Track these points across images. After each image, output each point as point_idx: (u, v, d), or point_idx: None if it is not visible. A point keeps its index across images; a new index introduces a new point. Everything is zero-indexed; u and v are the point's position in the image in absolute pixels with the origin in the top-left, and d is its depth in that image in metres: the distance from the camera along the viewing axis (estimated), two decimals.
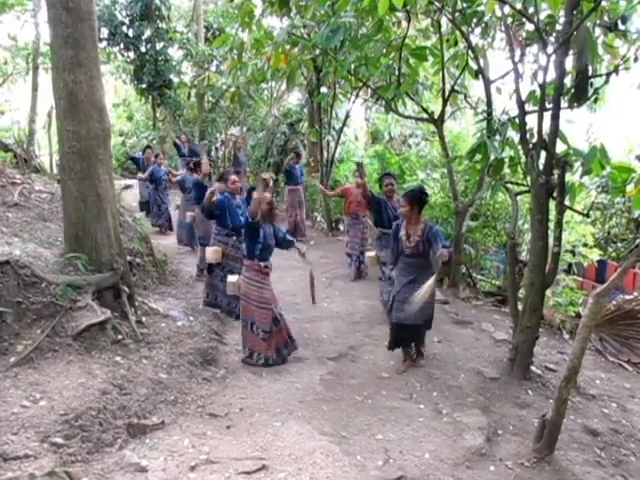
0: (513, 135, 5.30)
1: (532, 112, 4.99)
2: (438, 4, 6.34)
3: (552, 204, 4.85)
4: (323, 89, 11.87)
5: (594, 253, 8.19)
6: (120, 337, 4.87)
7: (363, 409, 4.52)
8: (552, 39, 5.12)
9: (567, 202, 4.73)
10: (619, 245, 11.32)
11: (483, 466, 3.80)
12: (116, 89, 22.08)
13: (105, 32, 15.54)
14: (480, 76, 6.60)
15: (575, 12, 4.47)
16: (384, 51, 6.86)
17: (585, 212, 5.46)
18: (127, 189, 12.65)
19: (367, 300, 7.25)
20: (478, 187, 7.36)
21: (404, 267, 5.22)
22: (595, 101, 5.01)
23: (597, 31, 5.14)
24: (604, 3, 4.86)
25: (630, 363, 6.06)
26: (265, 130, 15.70)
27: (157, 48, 16.08)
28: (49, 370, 4.18)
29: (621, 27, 4.85)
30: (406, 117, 8.94)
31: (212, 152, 17.31)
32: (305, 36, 8.08)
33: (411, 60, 6.86)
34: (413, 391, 4.87)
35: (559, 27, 4.96)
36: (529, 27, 5.38)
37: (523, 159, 5.07)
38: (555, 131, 4.62)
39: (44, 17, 5.65)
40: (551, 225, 5.02)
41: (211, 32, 17.52)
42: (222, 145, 16.90)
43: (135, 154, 13.31)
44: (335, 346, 5.89)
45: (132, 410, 4.05)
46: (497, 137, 5.18)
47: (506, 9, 5.33)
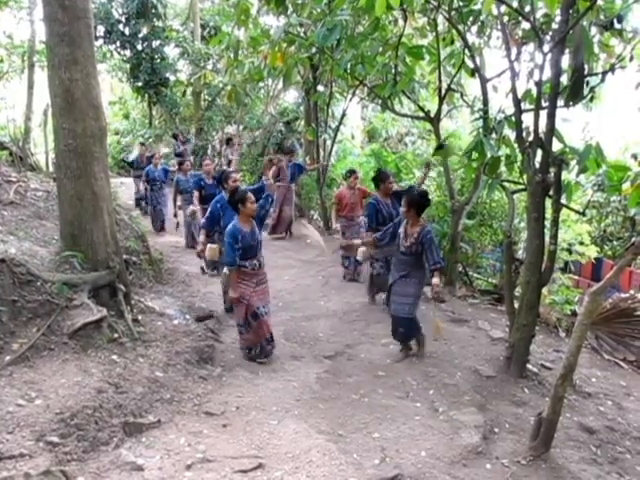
0: (509, 133, 5.31)
1: (528, 110, 5.00)
2: (434, 3, 6.34)
3: (548, 202, 4.86)
4: (320, 87, 11.87)
5: (591, 250, 8.22)
6: (116, 336, 4.85)
7: (359, 407, 4.52)
8: (548, 38, 5.12)
9: (563, 200, 4.74)
10: (615, 243, 11.37)
11: (479, 464, 3.81)
12: (112, 87, 22.01)
13: (101, 30, 15.53)
14: (476, 74, 6.60)
15: (571, 11, 4.48)
16: (380, 49, 6.85)
17: (581, 210, 5.47)
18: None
19: (363, 298, 7.25)
20: (475, 185, 7.37)
21: (398, 262, 5.43)
22: (591, 100, 5.01)
23: (593, 30, 5.16)
24: (600, 2, 4.88)
25: (626, 361, 6.08)
26: (261, 128, 15.70)
27: (153, 46, 16.07)
28: (45, 369, 4.17)
29: (617, 26, 4.86)
30: (402, 115, 8.94)
31: (209, 150, 17.31)
32: (302, 34, 8.07)
33: (407, 58, 6.84)
34: (409, 389, 4.87)
35: (555, 26, 4.96)
36: (525, 26, 5.39)
37: (519, 157, 5.08)
38: (551, 129, 4.63)
39: (40, 15, 5.63)
40: (547, 223, 5.04)
41: (207, 30, 17.52)
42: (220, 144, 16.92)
43: (127, 157, 13.22)
44: (331, 344, 5.89)
45: (128, 409, 4.04)
46: (493, 135, 5.19)
47: (502, 8, 5.34)
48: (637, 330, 6.22)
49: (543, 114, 4.68)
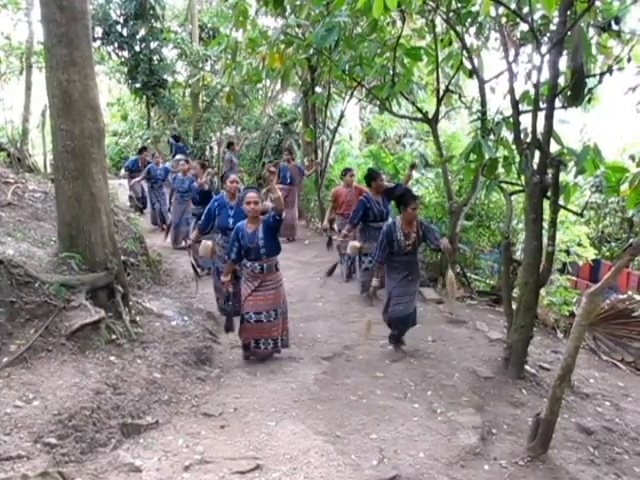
0: (507, 135, 5.32)
1: (526, 112, 5.01)
2: (432, 4, 6.35)
3: (546, 204, 4.87)
4: (318, 89, 11.86)
5: (589, 252, 8.24)
6: (114, 337, 4.84)
7: (358, 408, 4.52)
8: (546, 39, 5.14)
9: (561, 202, 4.74)
10: (613, 244, 11.40)
11: (477, 465, 3.81)
12: (110, 88, 21.98)
13: (99, 31, 15.53)
14: (474, 76, 6.63)
15: (569, 12, 4.48)
16: (379, 51, 6.86)
17: (579, 212, 5.48)
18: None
19: (362, 299, 7.24)
20: (473, 187, 7.38)
21: (398, 265, 5.47)
22: (589, 101, 5.03)
23: (591, 31, 5.18)
24: (598, 3, 4.89)
25: (624, 362, 6.09)
26: (259, 130, 15.70)
27: (151, 47, 16.07)
28: (42, 370, 4.16)
29: (615, 27, 4.88)
30: (400, 117, 8.95)
31: (207, 151, 17.31)
32: (300, 35, 8.07)
33: (405, 60, 6.86)
34: (407, 390, 4.87)
35: (553, 27, 4.98)
36: (523, 27, 5.41)
37: (517, 159, 5.09)
38: (549, 131, 4.63)
39: (37, 16, 5.62)
40: (545, 224, 5.05)
41: (205, 32, 17.52)
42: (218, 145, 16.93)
43: (126, 164, 13.10)
44: (330, 345, 5.89)
45: (126, 410, 4.03)
46: (491, 137, 5.21)
47: (500, 9, 5.35)
48: (635, 331, 6.23)
49: (541, 115, 4.68)
